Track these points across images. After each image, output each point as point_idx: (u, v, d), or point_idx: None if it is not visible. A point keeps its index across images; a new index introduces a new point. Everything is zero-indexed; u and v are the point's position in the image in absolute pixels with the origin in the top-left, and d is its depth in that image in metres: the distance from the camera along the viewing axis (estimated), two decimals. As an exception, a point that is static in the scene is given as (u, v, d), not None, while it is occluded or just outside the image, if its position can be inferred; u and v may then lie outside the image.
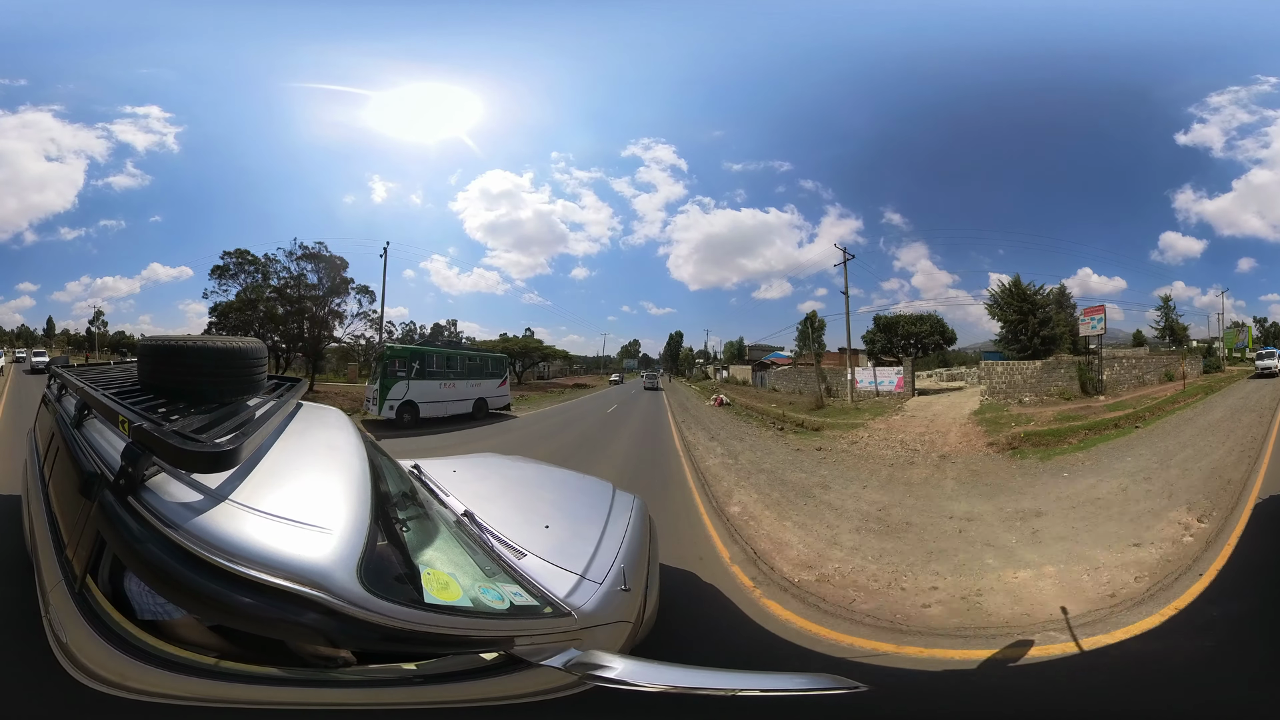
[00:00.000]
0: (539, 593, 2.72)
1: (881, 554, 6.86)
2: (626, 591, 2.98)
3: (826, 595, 5.82)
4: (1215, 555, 6.27)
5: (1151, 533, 7.04)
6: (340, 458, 2.80)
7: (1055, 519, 7.81)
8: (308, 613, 1.86)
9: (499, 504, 3.70)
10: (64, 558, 2.29)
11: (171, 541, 1.86)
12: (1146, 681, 4.42)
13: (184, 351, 3.12)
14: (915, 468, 11.06)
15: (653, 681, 2.35)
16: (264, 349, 3.54)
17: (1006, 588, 5.89)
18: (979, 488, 9.64)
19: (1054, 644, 5.06)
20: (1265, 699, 3.84)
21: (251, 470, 2.27)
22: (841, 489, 9.86)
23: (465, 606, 2.37)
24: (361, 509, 2.30)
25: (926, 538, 7.39)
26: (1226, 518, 7.30)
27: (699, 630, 4.83)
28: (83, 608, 2.06)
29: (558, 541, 3.26)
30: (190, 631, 2.04)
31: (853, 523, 8.02)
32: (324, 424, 3.47)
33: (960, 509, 8.50)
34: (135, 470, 2.01)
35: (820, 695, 2.56)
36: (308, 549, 1.94)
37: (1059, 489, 9.11)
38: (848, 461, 11.97)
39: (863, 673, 4.64)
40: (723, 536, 7.44)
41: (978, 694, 4.48)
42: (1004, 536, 7.29)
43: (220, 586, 1.81)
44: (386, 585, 2.09)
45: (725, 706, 2.66)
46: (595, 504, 4.07)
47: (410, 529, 2.88)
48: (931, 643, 4.99)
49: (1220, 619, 5.17)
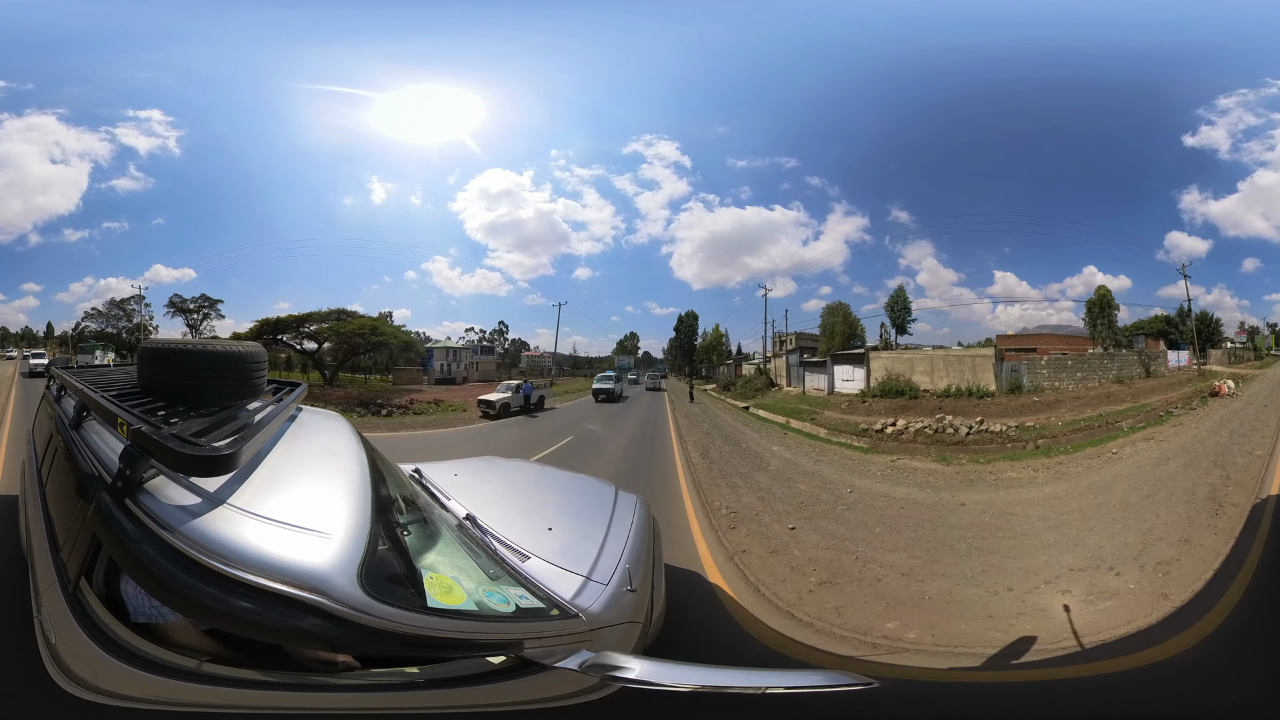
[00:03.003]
0: (545, 595, 2.68)
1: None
2: (633, 592, 2.95)
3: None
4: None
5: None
6: (340, 462, 2.78)
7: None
8: (307, 617, 1.83)
9: (501, 507, 3.67)
10: (59, 559, 2.26)
11: (168, 545, 1.83)
12: (1146, 681, 4.41)
13: (184, 355, 3.10)
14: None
15: (680, 681, 2.33)
16: (264, 353, 3.52)
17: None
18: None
19: (1056, 640, 5.05)
20: (1265, 698, 3.82)
21: (251, 474, 2.24)
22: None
23: (470, 610, 2.34)
24: (362, 513, 2.27)
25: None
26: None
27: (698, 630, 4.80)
28: (76, 610, 2.03)
29: (562, 543, 3.23)
30: (186, 636, 2.00)
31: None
32: (324, 429, 3.45)
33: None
34: (133, 473, 1.99)
35: (839, 691, 2.58)
36: (307, 553, 1.92)
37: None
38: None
39: (869, 670, 4.67)
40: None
41: (983, 691, 4.53)
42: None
43: (218, 590, 1.79)
44: (388, 590, 2.07)
45: (754, 704, 2.70)
46: (598, 505, 4.05)
47: (412, 533, 2.85)
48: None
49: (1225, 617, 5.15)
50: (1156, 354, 13.08)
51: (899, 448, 11.22)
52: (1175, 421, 8.32)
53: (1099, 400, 11.02)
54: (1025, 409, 11.42)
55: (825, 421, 13.65)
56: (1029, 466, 8.92)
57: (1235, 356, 13.67)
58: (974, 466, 9.48)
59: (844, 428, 12.87)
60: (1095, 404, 10.84)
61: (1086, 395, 11.58)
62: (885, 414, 12.76)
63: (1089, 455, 9.06)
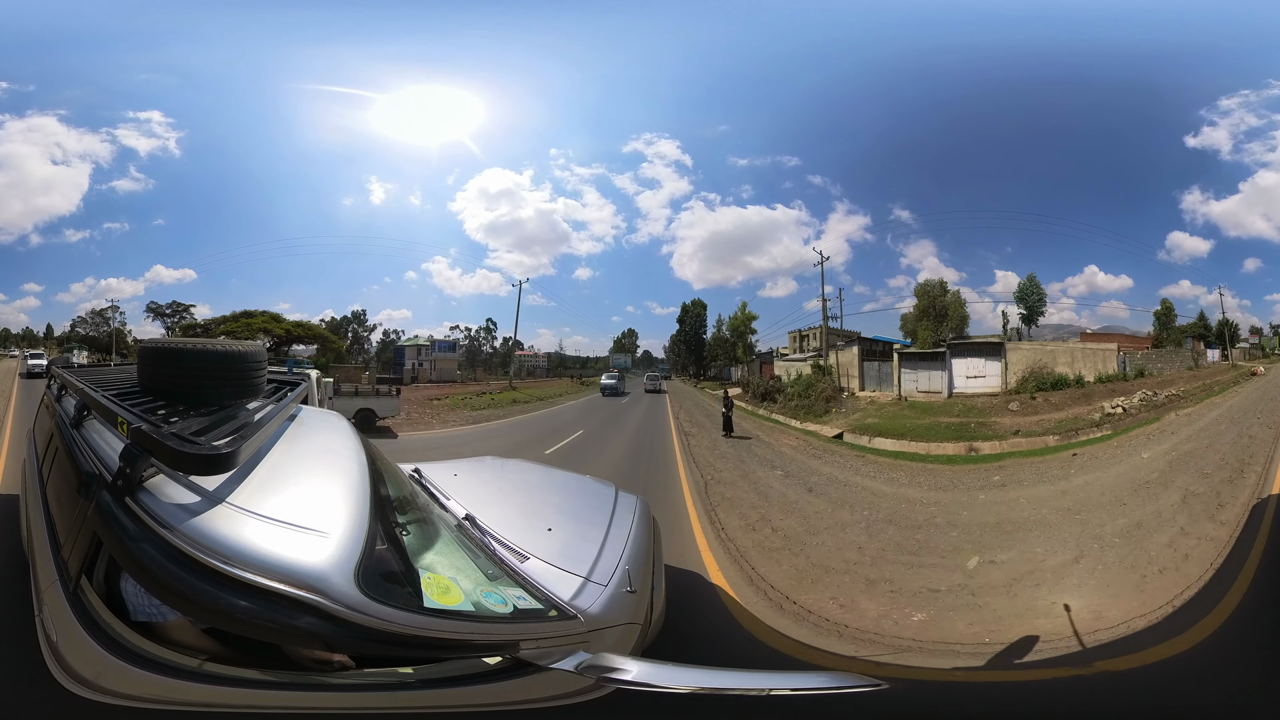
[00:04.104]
0: (543, 596, 2.68)
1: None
2: (632, 593, 2.95)
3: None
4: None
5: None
6: (339, 462, 2.78)
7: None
8: (304, 616, 1.83)
9: (501, 507, 3.66)
10: (60, 558, 2.27)
11: (168, 543, 1.84)
12: (1148, 678, 4.40)
13: (184, 354, 3.10)
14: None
15: (678, 683, 2.32)
16: (264, 352, 3.52)
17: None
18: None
19: (1058, 639, 5.05)
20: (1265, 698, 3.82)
21: (250, 473, 2.25)
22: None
23: (467, 611, 2.33)
24: (360, 513, 2.27)
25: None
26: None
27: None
28: (76, 608, 2.03)
29: (561, 544, 3.23)
30: (185, 634, 2.01)
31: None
32: (324, 428, 3.45)
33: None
34: (133, 471, 2.00)
35: (846, 693, 2.55)
36: (305, 552, 1.92)
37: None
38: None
39: (873, 670, 4.65)
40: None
41: (987, 691, 4.52)
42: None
43: (216, 589, 1.79)
44: (385, 589, 2.07)
45: (757, 706, 2.66)
46: (598, 506, 4.04)
47: (410, 533, 2.84)
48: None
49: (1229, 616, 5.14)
50: (1199, 351, 15.62)
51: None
52: (1241, 385, 13.05)
53: (1189, 379, 13.70)
54: (1159, 385, 13.19)
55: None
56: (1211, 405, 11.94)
57: (1248, 354, 16.28)
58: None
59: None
60: (1188, 382, 13.53)
61: (1176, 378, 13.80)
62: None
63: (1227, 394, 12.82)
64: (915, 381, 14.15)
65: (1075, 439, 10.83)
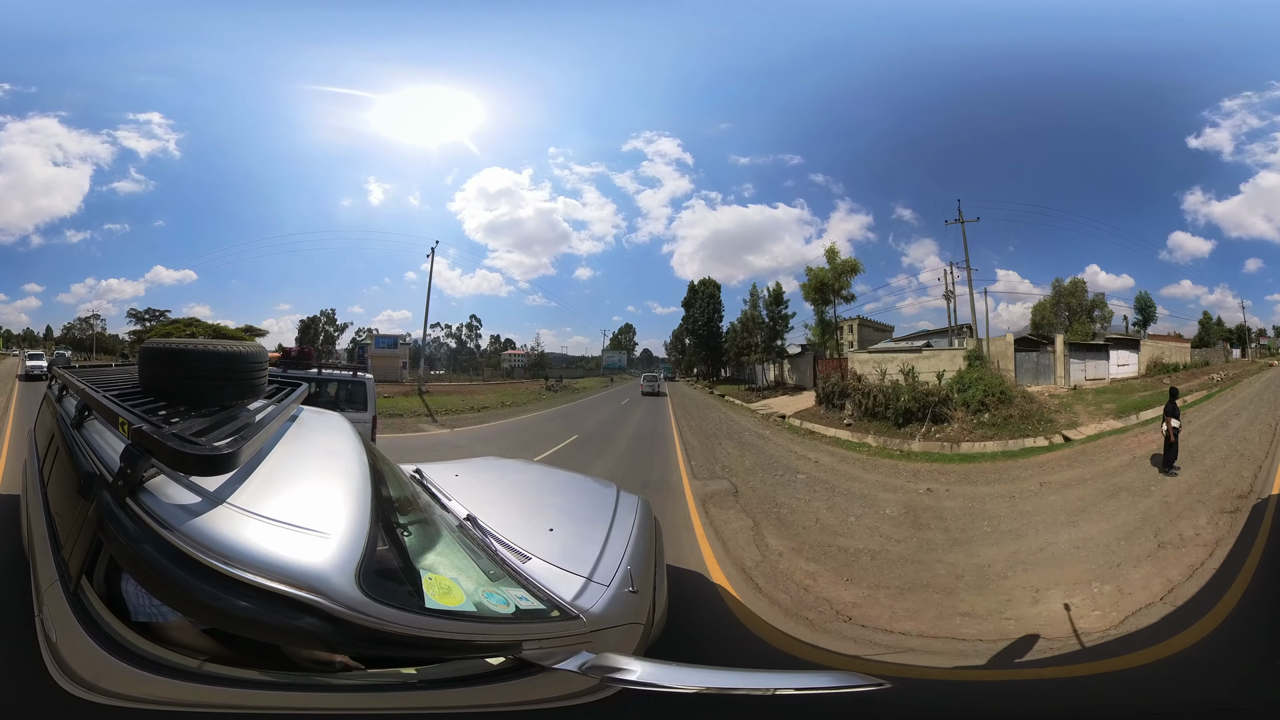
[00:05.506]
0: (545, 596, 2.67)
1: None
2: (634, 593, 2.94)
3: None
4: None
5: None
6: (340, 462, 2.78)
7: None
8: (304, 617, 1.82)
9: (502, 507, 3.66)
10: (60, 558, 2.26)
11: (168, 543, 1.83)
12: (1148, 678, 4.41)
13: (184, 354, 3.09)
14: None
15: (683, 683, 2.31)
16: (265, 352, 3.51)
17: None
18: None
19: (1058, 638, 5.05)
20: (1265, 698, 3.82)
21: (251, 474, 2.24)
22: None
23: (468, 611, 2.33)
24: (361, 513, 2.27)
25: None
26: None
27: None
28: (76, 608, 2.03)
29: (562, 544, 3.22)
30: (185, 634, 2.00)
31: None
32: (324, 429, 3.45)
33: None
34: (134, 472, 1.99)
35: (850, 692, 2.55)
36: (305, 553, 1.91)
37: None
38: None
39: (876, 669, 4.66)
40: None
41: (989, 690, 4.53)
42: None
43: (216, 589, 1.78)
44: (386, 590, 2.06)
45: (761, 706, 2.65)
46: (599, 506, 4.04)
47: (412, 534, 2.84)
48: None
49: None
50: (1227, 350, 18.53)
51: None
52: (1264, 372, 15.44)
53: (1231, 368, 16.71)
54: (1218, 370, 16.42)
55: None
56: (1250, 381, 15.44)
57: (1260, 353, 18.77)
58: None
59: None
60: (1232, 369, 16.58)
61: (1223, 366, 16.89)
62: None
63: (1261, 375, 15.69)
64: (1084, 371, 15.37)
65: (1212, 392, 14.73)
